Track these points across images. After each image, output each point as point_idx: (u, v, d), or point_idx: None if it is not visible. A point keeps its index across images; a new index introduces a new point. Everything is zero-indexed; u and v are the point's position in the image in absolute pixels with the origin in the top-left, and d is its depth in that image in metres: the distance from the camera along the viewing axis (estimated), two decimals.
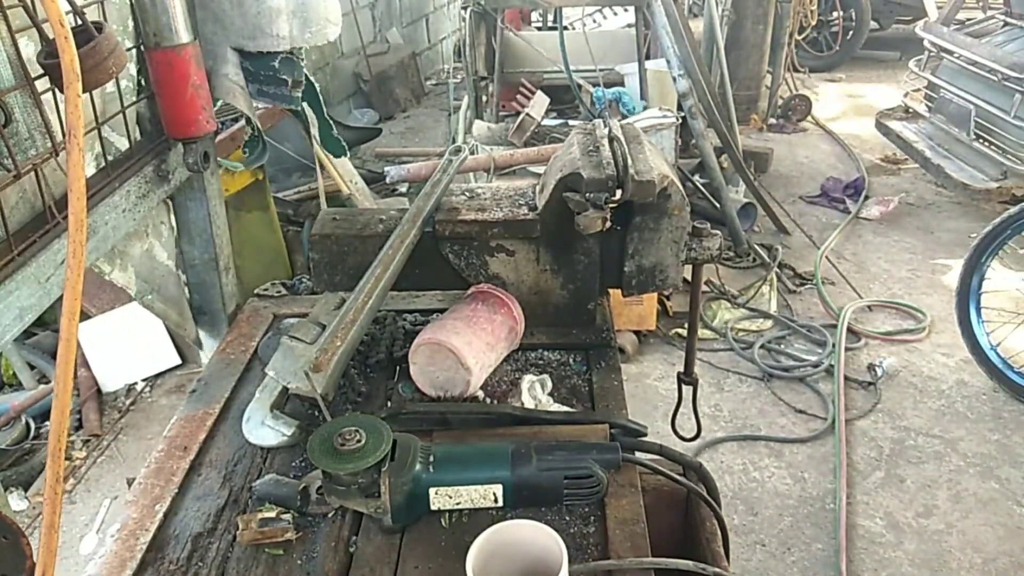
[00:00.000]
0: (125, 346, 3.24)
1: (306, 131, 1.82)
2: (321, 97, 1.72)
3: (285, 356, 1.23)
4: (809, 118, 6.18)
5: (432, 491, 1.07)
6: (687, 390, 1.59)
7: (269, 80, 1.53)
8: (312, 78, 1.66)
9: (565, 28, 4.39)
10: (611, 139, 1.40)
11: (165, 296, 1.53)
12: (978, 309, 3.11)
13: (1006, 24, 4.51)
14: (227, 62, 1.48)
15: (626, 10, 6.48)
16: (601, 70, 4.05)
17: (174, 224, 1.56)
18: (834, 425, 2.94)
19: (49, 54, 0.99)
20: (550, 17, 6.61)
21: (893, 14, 7.91)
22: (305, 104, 1.69)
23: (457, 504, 1.08)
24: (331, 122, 1.83)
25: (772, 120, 6.09)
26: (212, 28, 1.45)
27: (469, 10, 3.97)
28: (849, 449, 2.84)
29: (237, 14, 1.44)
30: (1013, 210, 3.02)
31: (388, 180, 3.30)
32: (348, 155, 3.10)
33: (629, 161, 1.30)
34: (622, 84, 4.25)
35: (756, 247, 4.11)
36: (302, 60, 1.57)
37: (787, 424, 3.02)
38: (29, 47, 1.05)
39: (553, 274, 1.44)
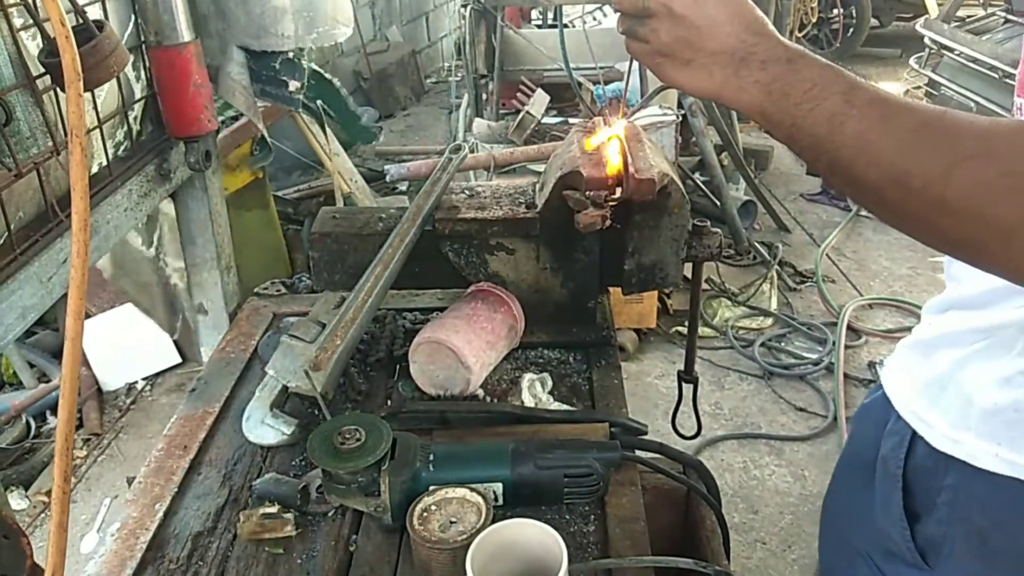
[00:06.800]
0: (125, 345, 3.24)
1: (321, 127, 1.81)
2: (342, 92, 1.71)
3: (285, 355, 1.23)
4: None
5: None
6: (687, 388, 1.58)
7: (271, 80, 1.52)
8: (329, 75, 1.65)
9: (565, 26, 4.38)
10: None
11: (137, 282, 1.53)
12: None
13: (1007, 21, 4.51)
14: (231, 60, 1.47)
15: None
16: (601, 68, 4.04)
17: (169, 212, 1.55)
18: (836, 422, 2.94)
19: (50, 52, 0.99)
20: (550, 15, 6.59)
21: (893, 11, 7.91)
22: (320, 101, 1.68)
23: None
24: (356, 113, 1.81)
25: None
26: (220, 25, 1.44)
27: (469, 8, 3.96)
28: None
29: (242, 11, 1.43)
30: None
31: (388, 178, 3.29)
32: (376, 140, 3.10)
33: (629, 159, 1.30)
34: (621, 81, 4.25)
35: (756, 245, 4.11)
36: (306, 60, 1.55)
37: (787, 422, 3.02)
38: (35, 41, 1.05)
39: (553, 272, 1.44)
